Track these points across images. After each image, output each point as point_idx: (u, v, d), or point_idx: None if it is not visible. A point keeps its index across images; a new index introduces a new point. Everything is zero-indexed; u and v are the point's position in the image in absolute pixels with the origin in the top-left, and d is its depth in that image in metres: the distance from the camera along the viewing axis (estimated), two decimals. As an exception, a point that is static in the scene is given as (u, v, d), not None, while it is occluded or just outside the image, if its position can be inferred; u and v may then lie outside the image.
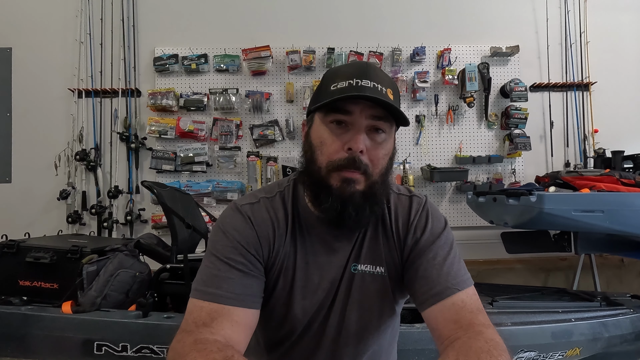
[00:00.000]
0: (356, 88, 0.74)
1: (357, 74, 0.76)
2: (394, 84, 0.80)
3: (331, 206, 0.77)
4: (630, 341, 1.89)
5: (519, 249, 2.60)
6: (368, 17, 3.20)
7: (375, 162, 0.77)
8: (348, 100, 0.74)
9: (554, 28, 3.26)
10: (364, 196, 0.77)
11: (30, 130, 3.07)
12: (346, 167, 0.75)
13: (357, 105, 0.75)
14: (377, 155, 0.77)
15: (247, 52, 3.00)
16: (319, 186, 0.78)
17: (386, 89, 0.76)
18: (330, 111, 0.77)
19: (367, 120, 0.75)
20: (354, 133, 0.75)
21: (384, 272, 0.85)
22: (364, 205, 0.77)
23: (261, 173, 3.05)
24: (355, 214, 0.77)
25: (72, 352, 1.73)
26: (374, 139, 0.77)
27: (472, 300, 0.77)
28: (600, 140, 3.12)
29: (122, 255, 1.98)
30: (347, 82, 0.75)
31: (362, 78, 0.75)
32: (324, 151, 0.77)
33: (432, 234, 0.84)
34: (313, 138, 0.80)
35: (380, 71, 0.80)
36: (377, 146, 0.77)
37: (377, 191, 0.79)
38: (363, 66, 0.78)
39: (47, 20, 3.10)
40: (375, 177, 0.78)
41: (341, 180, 0.76)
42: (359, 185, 0.76)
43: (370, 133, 0.77)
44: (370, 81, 0.75)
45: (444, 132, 3.17)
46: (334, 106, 0.76)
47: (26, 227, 2.41)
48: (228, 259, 0.78)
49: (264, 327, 0.89)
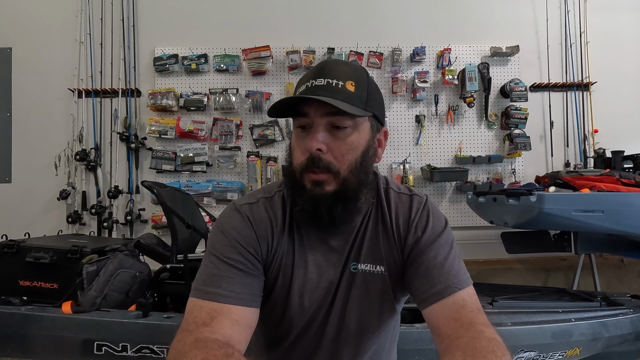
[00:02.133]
0: (310, 89, 0.76)
1: (313, 74, 0.78)
2: (357, 75, 0.80)
3: (303, 207, 0.79)
4: (630, 341, 1.89)
5: (519, 249, 2.60)
6: (368, 17, 3.20)
7: (339, 158, 0.77)
8: (303, 103, 0.76)
9: (554, 28, 3.26)
10: (335, 196, 0.78)
11: (30, 130, 3.07)
12: (309, 168, 0.77)
13: (311, 106, 0.76)
14: (340, 150, 0.77)
15: (247, 52, 3.00)
16: (294, 188, 0.81)
17: (344, 82, 0.77)
18: (295, 116, 0.79)
19: (323, 119, 0.76)
20: (312, 133, 0.77)
21: (384, 272, 0.85)
22: (336, 204, 0.78)
23: (261, 173, 3.05)
24: (327, 214, 0.78)
25: (72, 352, 1.73)
26: (335, 135, 0.77)
27: (473, 300, 0.78)
28: (600, 140, 3.12)
29: (122, 255, 1.98)
30: (305, 85, 0.78)
31: (316, 77, 0.77)
32: (295, 155, 0.81)
33: (433, 233, 0.84)
34: (291, 142, 0.84)
35: (341, 65, 0.81)
36: (339, 142, 0.77)
37: (349, 188, 0.79)
38: (321, 65, 0.81)
39: (47, 20, 3.10)
40: (345, 174, 0.78)
41: (311, 183, 0.78)
42: (329, 186, 0.78)
43: (332, 129, 0.77)
44: (324, 79, 0.76)
45: (444, 132, 3.17)
46: (296, 111, 0.78)
47: (26, 227, 2.41)
48: (227, 258, 0.78)
49: (264, 326, 0.89)
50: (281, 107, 0.77)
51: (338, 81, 0.76)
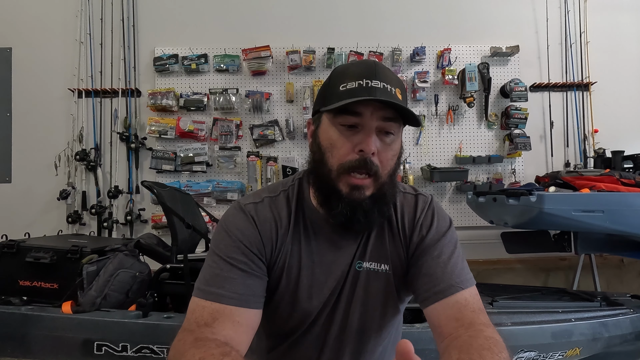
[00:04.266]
0: (366, 89, 0.73)
1: (366, 74, 0.75)
2: (401, 83, 0.80)
3: (341, 212, 0.77)
4: (630, 341, 1.90)
5: (519, 249, 2.60)
6: (368, 17, 3.20)
7: (384, 164, 0.77)
8: (359, 102, 0.73)
9: (554, 28, 3.25)
10: (372, 200, 0.77)
11: (30, 130, 3.07)
12: (357, 169, 0.75)
13: (368, 107, 0.74)
14: (387, 156, 0.77)
15: (247, 52, 3.00)
16: (328, 190, 0.78)
17: (395, 88, 0.75)
18: (339, 112, 0.75)
19: (377, 122, 0.75)
20: (365, 135, 0.74)
21: (389, 270, 0.86)
22: (373, 209, 0.78)
23: (261, 173, 3.05)
24: (364, 218, 0.78)
25: (72, 352, 1.73)
26: (383, 141, 0.76)
27: (475, 300, 0.78)
28: (600, 140, 3.11)
29: (122, 255, 1.98)
30: (356, 83, 0.74)
31: (371, 78, 0.74)
32: (334, 153, 0.77)
33: (437, 232, 0.84)
34: (322, 139, 0.79)
35: (388, 70, 0.79)
36: (386, 147, 0.77)
37: (385, 192, 0.79)
38: (372, 66, 0.77)
39: (47, 20, 3.10)
40: (384, 178, 0.78)
41: (350, 187, 0.76)
42: (368, 191, 0.77)
43: (380, 134, 0.76)
44: (380, 82, 0.74)
45: (444, 132, 3.17)
46: (344, 108, 0.74)
47: (26, 227, 2.41)
48: (230, 258, 0.78)
49: (268, 325, 0.89)
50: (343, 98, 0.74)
51: (392, 87, 0.75)
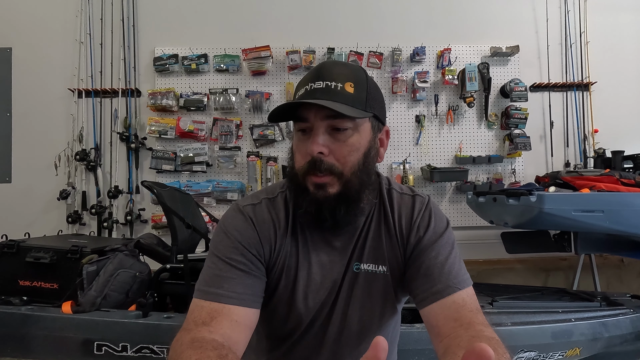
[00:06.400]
0: (309, 93, 0.76)
1: (312, 77, 0.78)
2: (356, 75, 0.79)
3: (307, 210, 0.79)
4: (630, 341, 1.89)
5: (519, 249, 2.60)
6: (368, 17, 3.20)
7: (341, 160, 0.77)
8: (303, 107, 0.76)
9: (554, 28, 3.25)
10: (338, 198, 0.78)
11: (30, 130, 3.07)
12: (311, 171, 0.77)
13: (311, 110, 0.76)
14: (342, 152, 0.77)
15: (247, 52, 3.00)
16: (298, 190, 0.81)
17: (343, 84, 0.76)
18: (296, 120, 0.79)
19: (323, 122, 0.76)
20: (312, 137, 0.77)
21: (387, 271, 0.86)
22: (339, 207, 0.78)
23: (261, 173, 3.05)
24: (331, 216, 0.79)
25: (72, 352, 1.73)
26: (336, 137, 0.77)
27: (472, 300, 0.78)
28: (600, 140, 3.11)
29: (122, 255, 1.98)
30: (304, 89, 0.78)
31: (315, 80, 0.77)
32: (296, 158, 0.81)
33: (434, 233, 0.84)
34: (293, 146, 0.84)
35: (339, 67, 0.81)
36: (340, 144, 0.77)
37: (352, 190, 0.79)
38: (319, 67, 0.80)
39: (47, 20, 3.10)
40: (347, 176, 0.78)
41: (314, 186, 0.78)
42: (332, 188, 0.77)
43: (333, 132, 0.77)
44: (322, 81, 0.76)
45: (444, 132, 3.17)
46: (295, 115, 0.78)
47: (26, 227, 2.41)
48: (229, 259, 0.79)
49: (266, 326, 0.89)
50: (280, 112, 0.77)
51: (337, 83, 0.76)
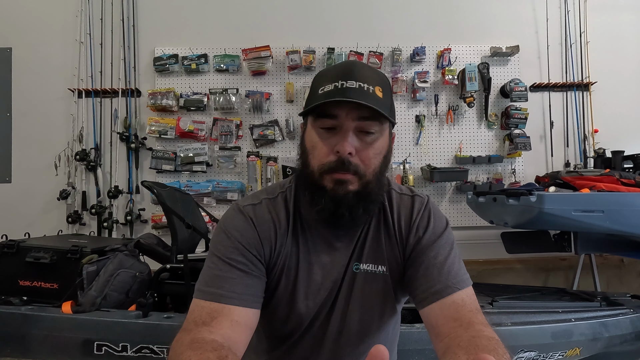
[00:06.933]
0: (341, 91, 0.74)
1: (342, 75, 0.76)
2: (383, 80, 0.80)
3: (325, 207, 0.78)
4: (630, 341, 1.89)
5: (519, 249, 2.60)
6: (368, 17, 3.20)
7: (366, 162, 0.77)
8: (334, 104, 0.75)
9: (554, 28, 3.25)
10: (357, 196, 0.78)
11: (30, 130, 3.07)
12: (336, 170, 0.76)
13: (343, 108, 0.75)
14: (368, 155, 0.77)
15: (247, 52, 3.00)
16: (313, 188, 0.79)
17: (374, 87, 0.76)
18: (318, 116, 0.77)
19: (354, 122, 0.75)
20: (341, 136, 0.76)
21: (386, 272, 0.86)
22: (357, 205, 0.78)
23: (261, 173, 3.05)
24: (349, 214, 0.78)
25: (72, 352, 1.73)
26: (363, 140, 0.77)
27: (472, 300, 0.78)
28: (600, 140, 3.11)
29: (122, 255, 1.98)
30: (332, 85, 0.75)
31: (347, 79, 0.75)
32: (315, 155, 0.79)
33: (434, 233, 0.84)
34: (307, 142, 0.81)
35: (367, 69, 0.80)
36: (367, 146, 0.77)
37: (371, 191, 0.79)
38: (348, 66, 0.78)
39: (47, 20, 3.10)
40: (369, 177, 0.78)
41: (334, 182, 0.77)
42: (352, 186, 0.77)
43: (360, 134, 0.77)
44: (355, 81, 0.75)
45: (444, 132, 3.17)
46: (321, 111, 0.76)
47: (26, 227, 2.41)
48: (229, 259, 0.79)
49: (266, 326, 0.89)
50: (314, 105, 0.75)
51: (369, 86, 0.75)
